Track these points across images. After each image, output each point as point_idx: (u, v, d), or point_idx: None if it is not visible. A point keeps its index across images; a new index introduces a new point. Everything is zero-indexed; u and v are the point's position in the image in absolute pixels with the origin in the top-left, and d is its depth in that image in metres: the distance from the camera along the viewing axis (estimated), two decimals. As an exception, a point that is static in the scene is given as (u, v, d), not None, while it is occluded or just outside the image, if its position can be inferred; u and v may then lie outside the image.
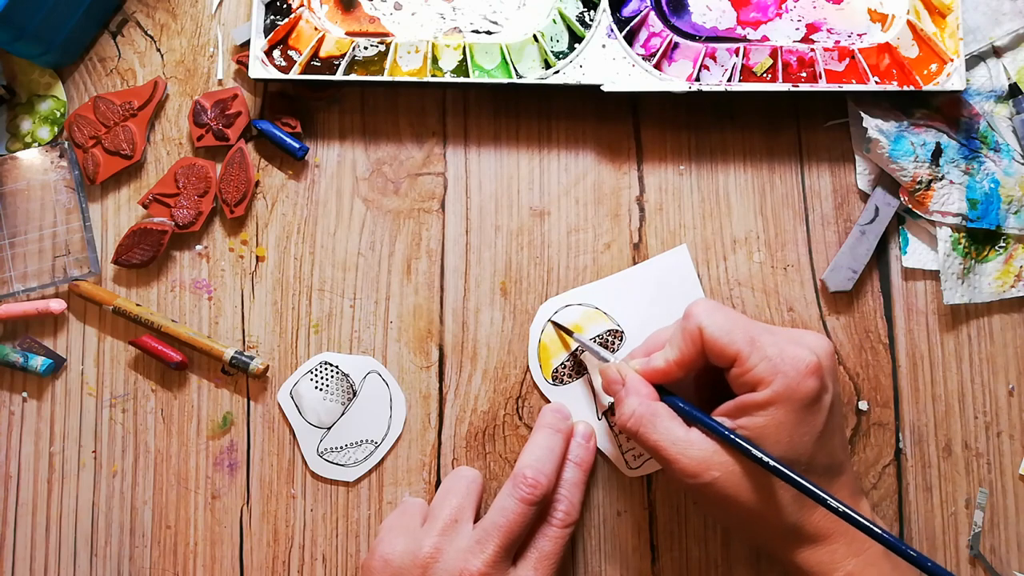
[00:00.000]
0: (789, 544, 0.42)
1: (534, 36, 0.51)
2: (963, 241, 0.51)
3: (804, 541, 0.42)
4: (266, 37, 0.51)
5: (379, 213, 0.53)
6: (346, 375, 0.51)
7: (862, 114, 0.51)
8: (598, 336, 0.51)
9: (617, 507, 0.50)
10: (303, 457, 0.51)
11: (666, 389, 0.45)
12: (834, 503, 0.38)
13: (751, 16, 0.52)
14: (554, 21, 0.51)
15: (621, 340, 0.51)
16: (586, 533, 0.50)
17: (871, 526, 0.37)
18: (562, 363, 0.51)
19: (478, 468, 0.50)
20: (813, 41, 0.52)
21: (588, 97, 0.53)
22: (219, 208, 0.53)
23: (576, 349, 0.51)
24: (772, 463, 0.39)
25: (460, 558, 0.43)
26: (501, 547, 0.43)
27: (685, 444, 0.42)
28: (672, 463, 0.42)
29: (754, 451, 0.40)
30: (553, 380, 0.51)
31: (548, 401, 0.51)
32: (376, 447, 0.51)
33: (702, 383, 0.47)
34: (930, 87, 0.50)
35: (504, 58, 0.51)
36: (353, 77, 0.51)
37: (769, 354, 0.41)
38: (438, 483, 0.51)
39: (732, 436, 0.41)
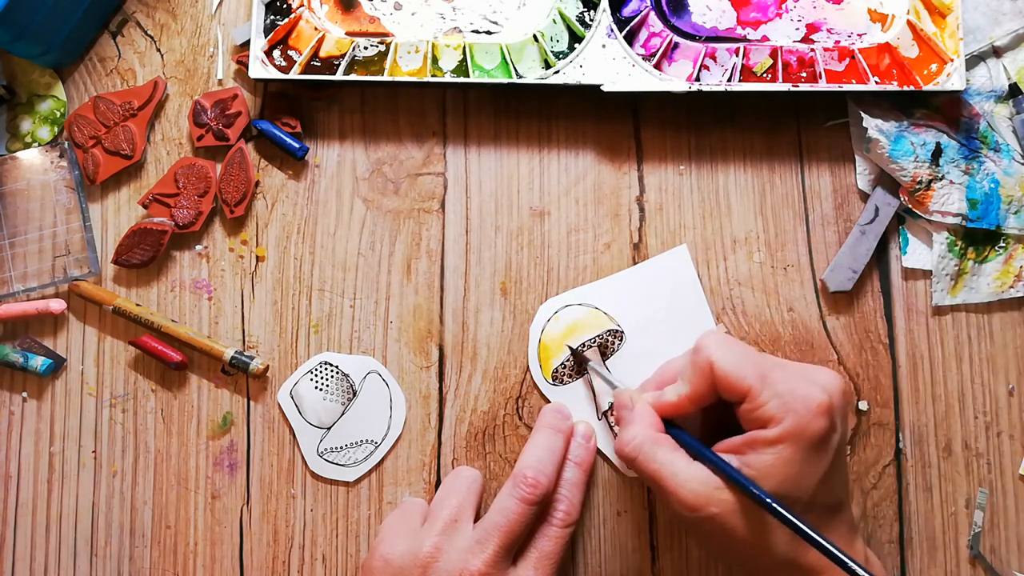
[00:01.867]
0: None
1: (534, 36, 0.51)
2: (959, 244, 0.51)
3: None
4: (266, 37, 0.51)
5: (379, 213, 0.53)
6: (346, 375, 0.51)
7: (862, 114, 0.51)
8: (598, 336, 0.51)
9: (617, 507, 0.50)
10: (303, 457, 0.51)
11: (672, 423, 0.44)
12: (833, 550, 0.37)
13: (751, 16, 0.52)
14: (554, 21, 0.51)
15: (621, 340, 0.51)
16: (586, 533, 0.50)
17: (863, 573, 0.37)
18: (562, 363, 0.51)
19: (478, 468, 0.50)
20: (813, 41, 0.52)
21: (588, 97, 0.53)
22: (219, 208, 0.53)
23: (578, 348, 0.51)
24: (775, 506, 0.38)
25: (460, 558, 0.43)
26: (501, 547, 0.43)
27: (686, 477, 0.41)
28: (671, 494, 0.41)
29: (756, 492, 0.39)
30: (553, 380, 0.51)
31: (548, 401, 0.51)
32: (376, 447, 0.51)
33: (710, 415, 0.46)
34: (930, 87, 0.50)
35: (504, 58, 0.51)
36: (353, 77, 0.51)
37: (780, 391, 0.40)
38: (438, 483, 0.51)
39: (736, 475, 0.40)
